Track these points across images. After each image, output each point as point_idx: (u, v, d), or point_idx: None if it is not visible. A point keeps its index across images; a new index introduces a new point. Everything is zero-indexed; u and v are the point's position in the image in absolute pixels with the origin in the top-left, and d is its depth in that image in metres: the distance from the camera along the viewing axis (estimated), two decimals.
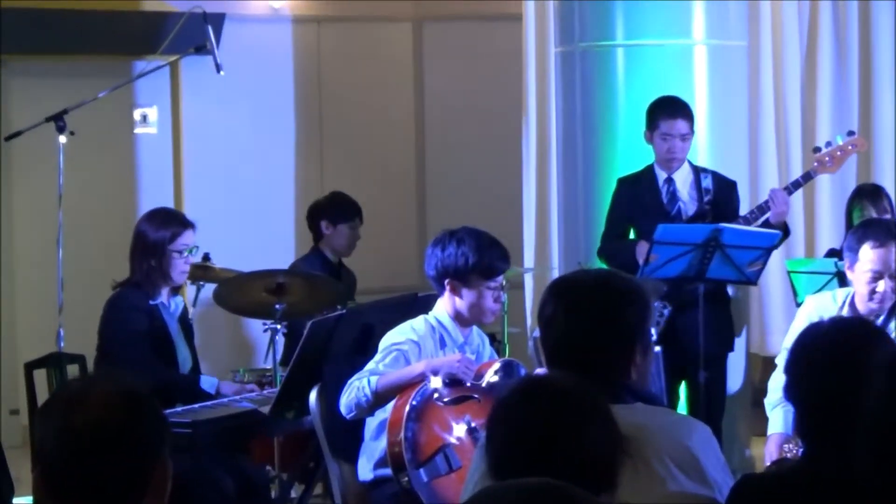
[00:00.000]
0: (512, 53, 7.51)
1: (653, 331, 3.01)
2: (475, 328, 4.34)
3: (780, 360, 4.77)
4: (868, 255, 4.42)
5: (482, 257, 4.15)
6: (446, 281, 4.17)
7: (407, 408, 3.97)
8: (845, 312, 4.54)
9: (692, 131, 5.62)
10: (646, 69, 6.08)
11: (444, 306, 4.23)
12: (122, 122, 7.34)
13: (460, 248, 4.14)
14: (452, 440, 4.03)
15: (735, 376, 5.98)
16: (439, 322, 4.21)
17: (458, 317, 4.22)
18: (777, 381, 4.74)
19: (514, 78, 7.43)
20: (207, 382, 4.95)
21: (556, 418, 2.12)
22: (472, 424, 4.07)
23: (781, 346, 4.82)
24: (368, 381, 4.02)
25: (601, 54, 6.17)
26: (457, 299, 4.18)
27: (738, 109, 6.25)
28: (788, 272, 5.92)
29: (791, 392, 2.58)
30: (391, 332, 4.20)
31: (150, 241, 4.88)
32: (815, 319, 4.55)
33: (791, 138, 6.85)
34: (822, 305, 4.68)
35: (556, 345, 2.67)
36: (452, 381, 4.07)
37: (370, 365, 4.11)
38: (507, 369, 4.23)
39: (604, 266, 5.70)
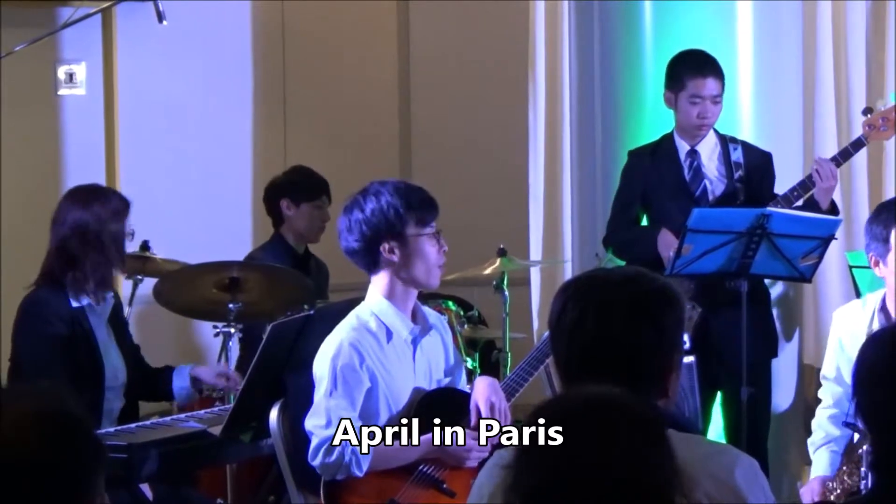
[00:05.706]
0: (517, 3, 7.48)
1: (685, 337, 3.02)
2: (424, 308, 4.35)
3: (825, 382, 4.77)
4: None
5: (410, 201, 4.18)
6: (382, 246, 4.17)
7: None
8: (877, 322, 4.52)
9: (722, 93, 5.60)
10: (678, 22, 6.06)
11: (376, 290, 4.24)
12: (43, 82, 7.30)
13: (381, 200, 4.17)
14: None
15: (785, 392, 5.99)
16: (377, 318, 4.22)
17: (393, 296, 4.22)
18: (821, 415, 4.72)
19: (520, 33, 7.40)
20: None
21: (614, 444, 2.11)
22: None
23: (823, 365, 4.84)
24: (360, 457, 4.08)
25: (624, 6, 6.15)
26: (395, 268, 4.19)
27: (789, 67, 6.23)
28: (850, 267, 5.89)
29: (860, 415, 2.62)
30: (321, 348, 4.21)
31: (94, 227, 4.70)
32: (847, 336, 4.58)
33: (854, 103, 6.80)
34: (851, 317, 4.65)
35: (582, 357, 2.67)
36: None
37: (323, 401, 4.11)
38: None
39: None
